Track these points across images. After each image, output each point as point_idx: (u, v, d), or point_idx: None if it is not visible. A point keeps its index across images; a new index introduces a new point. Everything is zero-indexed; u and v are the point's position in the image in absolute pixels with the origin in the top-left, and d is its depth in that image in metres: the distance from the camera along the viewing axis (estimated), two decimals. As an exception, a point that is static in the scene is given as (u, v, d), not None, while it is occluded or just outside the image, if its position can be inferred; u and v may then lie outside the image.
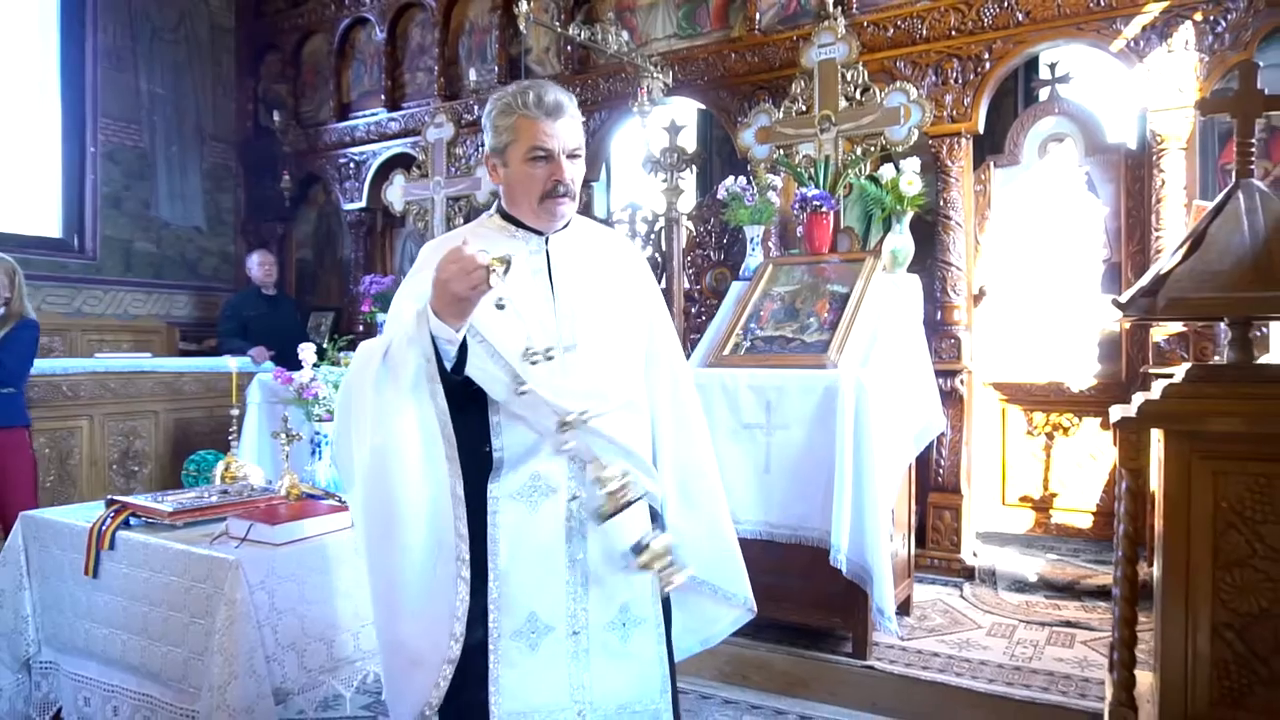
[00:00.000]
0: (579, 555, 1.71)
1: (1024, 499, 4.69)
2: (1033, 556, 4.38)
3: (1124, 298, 1.96)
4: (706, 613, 1.99)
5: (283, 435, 2.85)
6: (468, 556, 1.65)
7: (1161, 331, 4.02)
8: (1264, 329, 3.47)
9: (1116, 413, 1.95)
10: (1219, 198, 1.96)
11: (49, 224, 6.17)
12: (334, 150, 6.72)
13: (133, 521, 2.49)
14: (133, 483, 5.11)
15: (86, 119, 6.24)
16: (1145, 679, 2.11)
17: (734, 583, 1.97)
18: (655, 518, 1.81)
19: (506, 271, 1.49)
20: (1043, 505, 4.64)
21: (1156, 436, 1.90)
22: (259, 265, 6.17)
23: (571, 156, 1.71)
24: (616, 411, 1.73)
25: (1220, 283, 1.81)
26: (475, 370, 1.63)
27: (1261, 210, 1.85)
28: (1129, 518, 1.91)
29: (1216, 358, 3.94)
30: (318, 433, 3.07)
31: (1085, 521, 4.54)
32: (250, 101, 7.18)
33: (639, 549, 1.62)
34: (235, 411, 3.16)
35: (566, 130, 1.69)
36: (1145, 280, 1.95)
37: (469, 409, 1.66)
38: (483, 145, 1.77)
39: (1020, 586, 4.19)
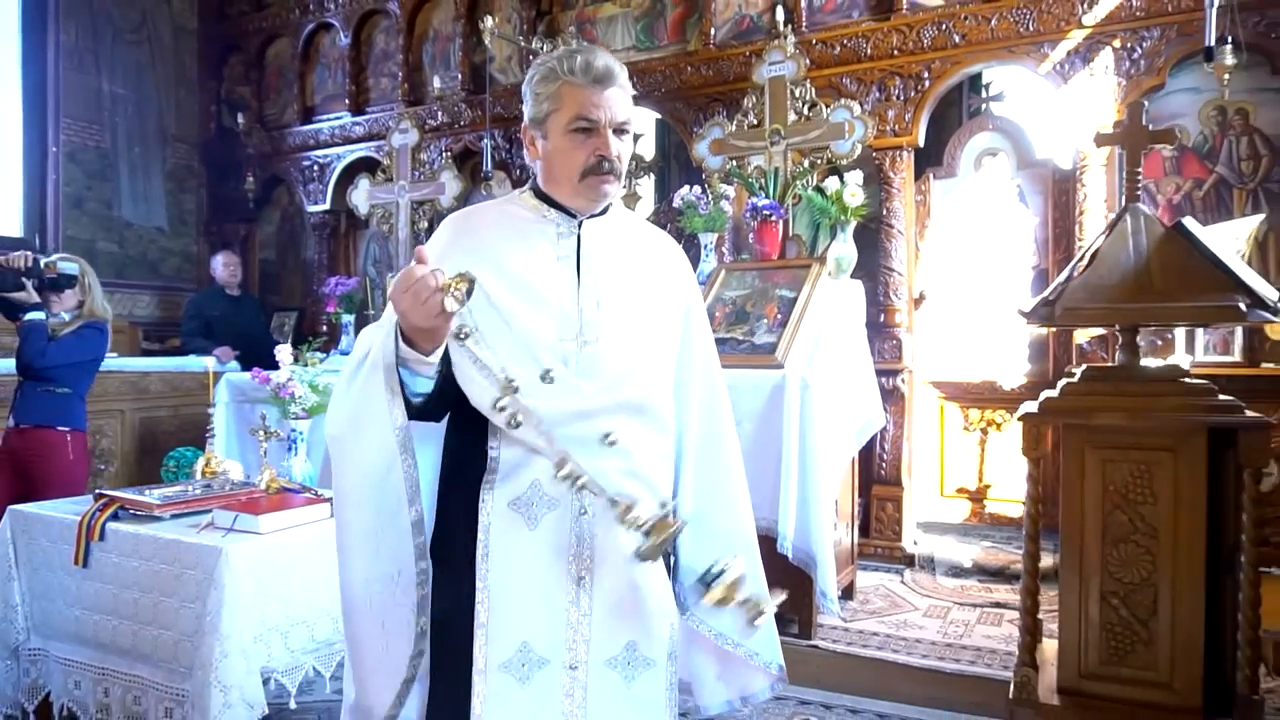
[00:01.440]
0: (584, 579, 1.51)
1: (961, 490, 4.99)
2: (969, 544, 4.68)
3: (1028, 307, 2.22)
4: (733, 667, 1.74)
5: (261, 432, 3.01)
6: (428, 609, 1.49)
7: (1085, 334, 4.34)
8: (1169, 334, 3.80)
9: (1023, 409, 2.21)
10: (1111, 220, 2.23)
11: (10, 224, 6.19)
12: (298, 153, 6.82)
13: (121, 514, 2.64)
14: (99, 481, 5.17)
15: (48, 119, 6.27)
16: (1052, 645, 2.38)
17: (759, 642, 1.70)
18: (668, 557, 1.63)
19: (468, 295, 1.31)
20: (978, 496, 4.95)
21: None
22: (223, 266, 6.26)
23: (619, 131, 1.53)
24: (635, 426, 1.54)
25: (1108, 295, 2.07)
26: (463, 382, 1.47)
27: (1145, 232, 2.12)
28: (1030, 501, 2.17)
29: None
30: (294, 430, 3.24)
31: (1017, 511, 4.85)
32: (213, 103, 7.24)
33: (708, 579, 1.42)
34: (213, 410, 3.30)
35: (615, 101, 1.51)
36: (1047, 291, 2.21)
37: (465, 403, 1.48)
38: (520, 117, 1.64)
39: (956, 572, 4.48)
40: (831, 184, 4.05)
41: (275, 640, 2.45)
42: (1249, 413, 1.97)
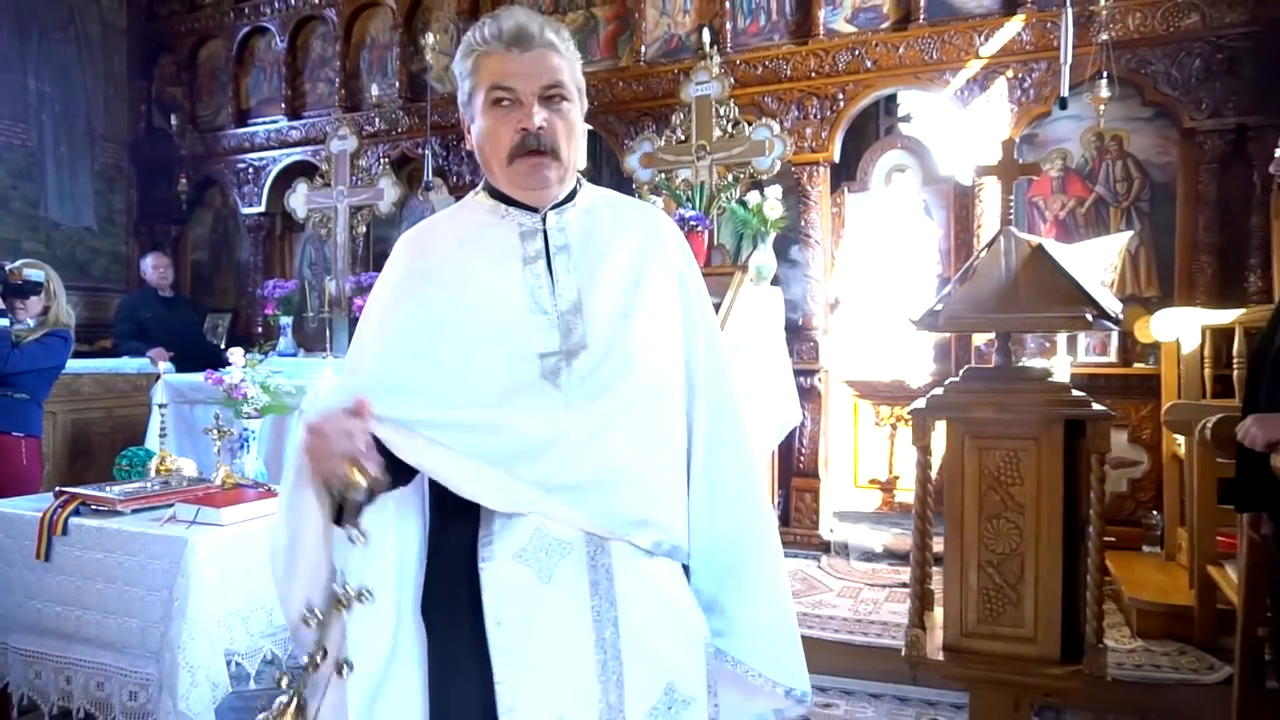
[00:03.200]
0: (608, 629, 1.29)
1: (873, 481, 5.38)
2: (880, 531, 5.06)
3: (917, 315, 2.54)
4: (760, 698, 1.46)
5: (215, 431, 3.17)
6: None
7: (981, 337, 4.75)
8: (1053, 339, 4.23)
9: (913, 405, 2.54)
10: (989, 240, 2.57)
11: (-69, 223, 6.10)
12: (232, 155, 6.85)
13: (82, 509, 2.76)
14: (32, 482, 5.17)
15: (-29, 118, 6.19)
16: (940, 613, 2.72)
17: (777, 668, 1.43)
18: (687, 574, 1.42)
19: (363, 498, 1.18)
20: (888, 486, 5.34)
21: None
22: (153, 268, 6.26)
23: (549, 99, 1.30)
24: (646, 446, 1.34)
25: (983, 306, 2.41)
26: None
27: (1015, 252, 2.46)
28: (919, 485, 2.50)
29: (1024, 359, 4.72)
30: (245, 429, 3.39)
31: (923, 500, 5.27)
32: (143, 103, 7.21)
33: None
34: (163, 410, 3.42)
35: (538, 65, 1.29)
36: (934, 302, 2.55)
37: None
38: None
39: (868, 556, 4.85)
40: (753, 197, 4.37)
41: (236, 624, 2.62)
42: (1096, 406, 2.32)
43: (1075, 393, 2.39)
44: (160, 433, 3.32)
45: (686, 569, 1.40)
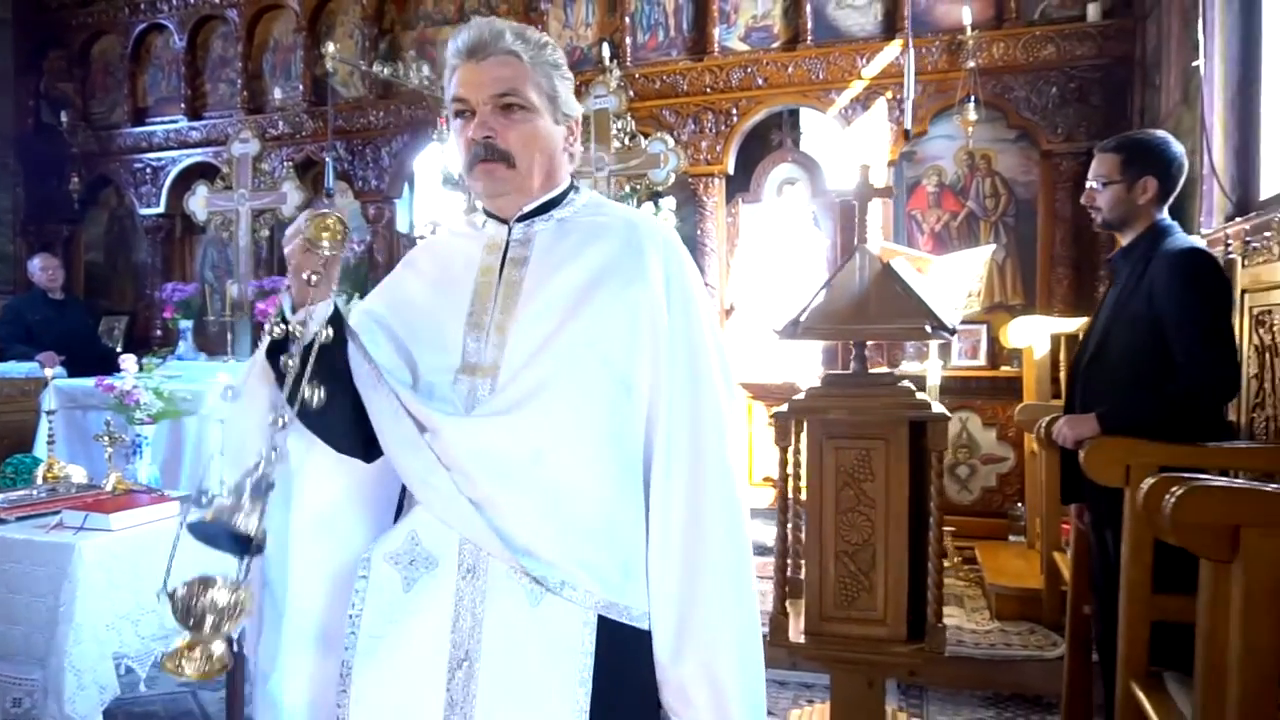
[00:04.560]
0: (466, 659, 1.24)
1: (767, 479, 5.63)
2: (772, 526, 5.25)
3: (780, 325, 2.76)
4: None
5: (106, 437, 3.17)
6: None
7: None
8: (926, 345, 4.54)
9: (777, 408, 2.75)
10: (846, 257, 2.80)
11: None
12: (129, 154, 6.69)
13: (-38, 518, 2.75)
14: (-90, 492, 4.98)
15: None
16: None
17: None
18: (608, 630, 1.26)
19: (328, 245, 1.15)
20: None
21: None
22: (41, 270, 6.07)
23: (505, 108, 1.29)
24: (551, 490, 1.26)
25: (838, 318, 2.64)
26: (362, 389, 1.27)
27: (868, 268, 2.70)
28: (781, 482, 2.72)
29: (905, 362, 5.05)
30: (138, 435, 3.39)
31: (814, 496, 5.55)
32: (31, 98, 6.98)
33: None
34: (52, 416, 3.39)
35: (488, 74, 1.29)
36: (796, 312, 2.77)
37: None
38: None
39: (761, 550, 5.07)
40: (648, 208, 4.56)
41: (126, 628, 2.65)
42: (936, 408, 2.58)
43: (919, 396, 2.63)
44: (49, 439, 3.30)
45: (639, 631, 1.29)
